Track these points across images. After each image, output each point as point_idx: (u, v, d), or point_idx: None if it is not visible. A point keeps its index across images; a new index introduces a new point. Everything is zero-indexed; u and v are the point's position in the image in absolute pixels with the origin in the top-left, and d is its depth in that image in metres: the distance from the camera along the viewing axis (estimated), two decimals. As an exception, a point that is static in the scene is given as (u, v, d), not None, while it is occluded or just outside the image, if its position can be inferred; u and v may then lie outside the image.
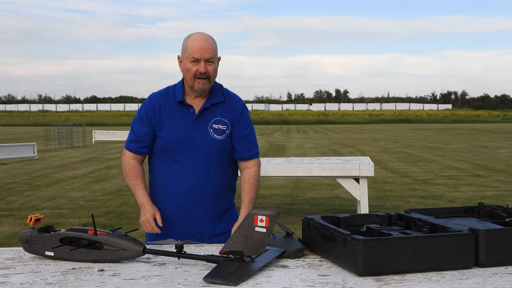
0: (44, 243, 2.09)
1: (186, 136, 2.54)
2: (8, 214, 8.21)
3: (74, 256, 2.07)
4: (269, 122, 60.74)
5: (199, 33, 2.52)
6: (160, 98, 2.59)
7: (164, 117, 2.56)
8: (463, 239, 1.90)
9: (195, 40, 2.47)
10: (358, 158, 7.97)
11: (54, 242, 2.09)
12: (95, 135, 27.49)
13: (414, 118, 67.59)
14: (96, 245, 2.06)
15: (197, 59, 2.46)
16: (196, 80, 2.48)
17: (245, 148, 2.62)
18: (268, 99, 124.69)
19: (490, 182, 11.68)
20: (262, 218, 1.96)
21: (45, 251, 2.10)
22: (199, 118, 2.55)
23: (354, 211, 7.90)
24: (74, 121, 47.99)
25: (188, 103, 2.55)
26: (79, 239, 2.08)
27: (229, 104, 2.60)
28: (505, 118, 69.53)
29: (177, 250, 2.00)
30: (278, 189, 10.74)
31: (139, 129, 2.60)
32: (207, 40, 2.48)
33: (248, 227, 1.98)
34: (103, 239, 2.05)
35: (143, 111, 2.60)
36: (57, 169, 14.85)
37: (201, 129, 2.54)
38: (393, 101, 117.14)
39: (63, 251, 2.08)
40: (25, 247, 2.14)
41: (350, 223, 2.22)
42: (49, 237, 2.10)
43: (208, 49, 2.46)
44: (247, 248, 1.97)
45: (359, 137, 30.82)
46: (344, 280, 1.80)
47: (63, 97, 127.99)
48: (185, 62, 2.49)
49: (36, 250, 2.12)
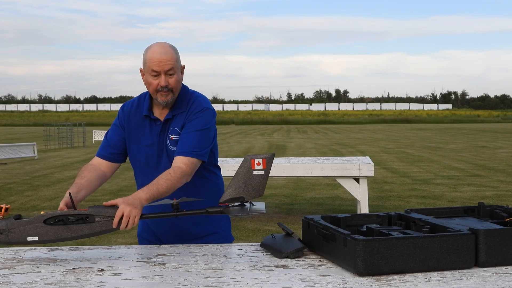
0: (25, 229, 1.98)
1: (153, 150, 2.50)
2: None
3: (62, 235, 1.98)
4: (269, 122, 60.74)
5: (158, 44, 2.42)
6: (131, 109, 2.54)
7: (133, 129, 2.52)
8: (463, 239, 1.90)
9: (153, 53, 2.38)
10: (358, 158, 7.98)
11: (38, 225, 1.98)
12: (95, 135, 27.49)
13: (414, 118, 67.60)
14: (87, 219, 2.01)
15: (157, 72, 2.37)
16: (158, 93, 2.40)
17: (181, 144, 2.40)
18: (268, 99, 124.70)
19: (490, 182, 11.68)
20: (259, 161, 2.04)
21: (27, 237, 1.99)
22: (163, 130, 2.49)
23: (354, 211, 7.90)
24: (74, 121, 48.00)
25: (154, 116, 2.49)
26: (66, 217, 2.00)
27: (187, 111, 2.47)
28: (505, 118, 69.54)
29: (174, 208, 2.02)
30: (278, 189, 10.75)
31: (112, 135, 2.55)
32: (165, 52, 2.38)
33: (246, 172, 2.03)
34: (94, 211, 2.01)
35: (117, 118, 2.57)
36: (57, 169, 14.85)
37: (163, 141, 2.49)
38: (393, 101, 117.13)
39: (50, 233, 1.98)
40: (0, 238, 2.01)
41: (350, 223, 2.22)
42: (30, 221, 1.99)
43: (167, 61, 2.37)
44: (247, 193, 2.02)
45: (359, 137, 30.82)
46: (344, 280, 1.80)
47: (63, 97, 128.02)
48: (146, 75, 2.41)
49: (15, 238, 2.00)
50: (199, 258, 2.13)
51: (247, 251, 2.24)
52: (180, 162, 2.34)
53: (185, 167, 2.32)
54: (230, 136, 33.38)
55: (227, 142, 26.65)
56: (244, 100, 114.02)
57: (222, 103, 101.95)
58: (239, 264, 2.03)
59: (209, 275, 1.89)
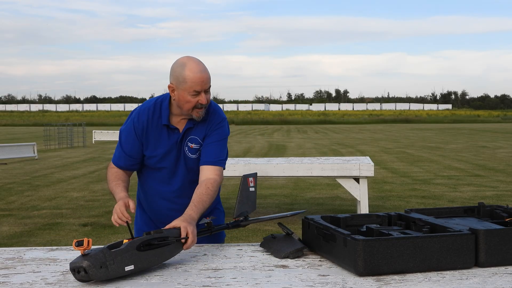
0: (122, 258, 1.84)
1: (171, 157, 2.53)
2: (8, 214, 8.21)
3: (152, 260, 1.92)
4: (269, 122, 60.74)
5: (193, 61, 2.40)
6: (148, 117, 2.52)
7: (150, 137, 2.52)
8: (463, 239, 1.90)
9: (194, 72, 2.37)
10: (358, 158, 7.97)
11: (133, 253, 1.87)
12: (95, 135, 27.49)
13: (414, 118, 67.60)
14: (164, 241, 2.00)
15: (199, 91, 2.38)
16: (195, 110, 2.43)
17: (208, 154, 2.49)
18: (268, 99, 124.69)
19: (490, 182, 11.68)
20: (251, 179, 2.42)
21: (125, 267, 1.84)
22: (182, 139, 2.53)
23: (354, 211, 7.90)
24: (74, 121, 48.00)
25: (173, 125, 2.51)
26: (152, 241, 1.94)
27: (208, 121, 2.53)
28: (505, 118, 69.55)
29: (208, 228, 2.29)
30: (278, 189, 10.74)
31: (129, 146, 2.54)
32: (205, 70, 2.40)
33: (245, 189, 2.37)
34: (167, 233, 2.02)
35: (132, 126, 2.53)
36: (57, 169, 14.85)
37: (181, 149, 2.53)
38: (393, 101, 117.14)
39: (142, 259, 1.89)
40: (98, 273, 1.78)
41: (350, 223, 2.23)
42: (125, 250, 1.86)
43: (207, 79, 2.40)
44: (249, 207, 2.38)
45: (359, 137, 30.82)
46: (344, 280, 1.80)
47: (63, 97, 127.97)
48: (183, 93, 2.39)
49: (115, 270, 1.82)
50: (199, 258, 2.13)
51: (247, 251, 2.24)
52: (211, 173, 2.45)
53: (218, 178, 2.45)
54: (230, 136, 33.29)
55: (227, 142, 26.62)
56: (244, 100, 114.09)
57: (222, 103, 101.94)
58: (239, 264, 2.03)
59: (209, 275, 1.89)
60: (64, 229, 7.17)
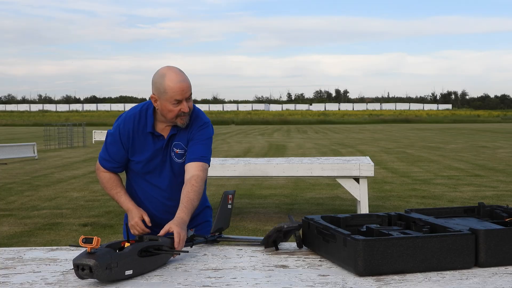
0: (124, 263, 1.84)
1: (156, 162, 2.62)
2: (8, 214, 8.21)
3: (147, 267, 1.93)
4: (269, 122, 60.75)
5: (172, 71, 2.47)
6: (133, 123, 2.59)
7: (136, 143, 2.60)
8: (463, 239, 1.90)
9: (174, 82, 2.43)
10: (358, 158, 7.97)
11: (133, 258, 1.88)
12: (95, 135, 27.48)
13: (414, 118, 67.62)
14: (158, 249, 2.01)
15: (180, 100, 2.45)
16: (178, 118, 2.50)
17: (192, 152, 2.57)
18: (268, 99, 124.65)
19: (490, 182, 11.68)
20: (230, 197, 2.50)
21: (125, 271, 1.84)
22: (167, 145, 2.61)
23: (354, 211, 7.90)
24: (74, 121, 47.99)
25: (158, 132, 2.59)
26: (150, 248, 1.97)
27: (190, 126, 2.60)
28: (505, 118, 69.55)
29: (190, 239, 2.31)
30: (278, 189, 10.75)
31: (114, 150, 2.63)
32: (184, 80, 2.46)
33: (224, 205, 2.46)
34: (162, 240, 2.04)
35: (117, 132, 2.60)
36: (57, 169, 14.85)
37: (167, 155, 2.62)
38: (393, 101, 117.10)
39: (140, 265, 1.90)
40: (103, 274, 1.77)
41: (350, 223, 2.22)
42: (127, 254, 1.86)
43: (188, 88, 2.46)
44: (224, 223, 2.48)
45: (359, 137, 30.82)
46: (344, 280, 1.80)
47: (63, 97, 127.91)
48: (165, 103, 2.46)
49: (117, 272, 1.81)
50: (199, 258, 2.14)
51: (247, 251, 2.24)
52: (195, 169, 2.51)
53: (201, 173, 2.51)
54: (230, 136, 33.39)
55: (227, 142, 26.66)
56: (244, 100, 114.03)
57: (222, 103, 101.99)
58: (239, 264, 2.03)
59: (209, 275, 1.89)
60: (64, 229, 7.17)
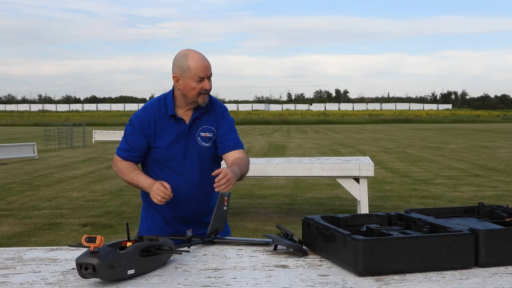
0: (127, 262, 1.82)
1: (179, 146, 2.66)
2: (8, 214, 8.21)
3: (148, 266, 1.93)
4: (269, 122, 60.73)
5: (193, 51, 2.62)
6: (153, 111, 2.66)
7: (158, 130, 2.65)
8: (463, 239, 1.90)
9: (196, 60, 2.57)
10: (358, 158, 7.97)
11: (135, 258, 1.87)
12: (95, 135, 27.49)
13: (414, 118, 67.60)
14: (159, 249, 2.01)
15: (203, 77, 2.58)
16: (200, 96, 2.61)
17: (230, 140, 2.70)
18: (268, 99, 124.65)
19: (490, 182, 11.68)
20: (226, 198, 2.54)
21: (127, 270, 1.83)
22: (190, 129, 2.67)
23: (354, 211, 7.90)
24: (74, 121, 47.96)
25: (179, 116, 2.66)
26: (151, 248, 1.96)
27: (214, 111, 2.72)
28: (505, 118, 69.53)
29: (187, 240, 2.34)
30: (278, 189, 10.75)
31: (134, 140, 2.66)
32: (205, 59, 2.61)
33: (220, 207, 2.49)
34: (163, 241, 2.04)
35: (137, 121, 2.66)
36: (57, 169, 14.85)
37: (191, 139, 2.67)
38: (393, 101, 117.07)
39: (142, 264, 1.90)
40: (106, 273, 1.76)
41: (350, 223, 2.22)
42: (129, 253, 1.85)
43: (209, 67, 2.61)
44: (220, 225, 2.49)
45: (359, 137, 30.82)
46: (344, 280, 1.80)
47: (63, 97, 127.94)
48: (188, 81, 2.58)
49: (120, 271, 1.80)
50: (199, 258, 2.13)
51: (247, 251, 2.24)
52: (239, 153, 2.69)
53: (245, 155, 2.72)
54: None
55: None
56: (244, 100, 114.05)
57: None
58: (239, 264, 2.03)
59: (209, 275, 1.89)
60: (64, 229, 7.17)
